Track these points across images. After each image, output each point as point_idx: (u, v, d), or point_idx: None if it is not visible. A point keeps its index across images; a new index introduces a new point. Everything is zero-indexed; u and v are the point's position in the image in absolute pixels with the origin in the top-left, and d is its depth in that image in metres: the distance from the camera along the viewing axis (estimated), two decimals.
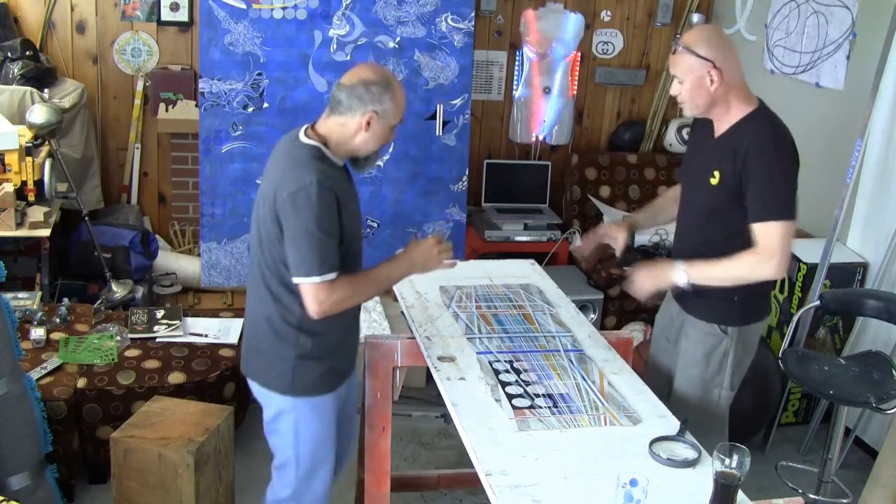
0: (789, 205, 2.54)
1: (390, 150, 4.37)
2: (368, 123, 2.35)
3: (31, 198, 3.82)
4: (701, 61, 2.57)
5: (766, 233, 2.53)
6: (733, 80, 2.60)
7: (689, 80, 2.59)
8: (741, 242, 2.60)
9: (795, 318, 3.53)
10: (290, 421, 2.50)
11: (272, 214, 2.33)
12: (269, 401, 2.53)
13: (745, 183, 2.56)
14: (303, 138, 2.40)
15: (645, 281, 2.70)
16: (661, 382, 2.93)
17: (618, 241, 2.95)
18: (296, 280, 2.32)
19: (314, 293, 2.30)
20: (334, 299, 2.32)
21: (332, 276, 2.31)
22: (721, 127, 2.68)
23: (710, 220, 2.72)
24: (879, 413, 3.17)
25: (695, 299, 2.78)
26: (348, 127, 2.37)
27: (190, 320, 3.69)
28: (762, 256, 2.54)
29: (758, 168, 2.54)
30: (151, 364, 3.35)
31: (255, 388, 2.57)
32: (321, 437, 2.54)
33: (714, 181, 2.65)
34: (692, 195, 2.82)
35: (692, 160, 2.88)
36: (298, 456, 2.53)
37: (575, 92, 5.27)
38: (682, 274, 2.64)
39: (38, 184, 3.86)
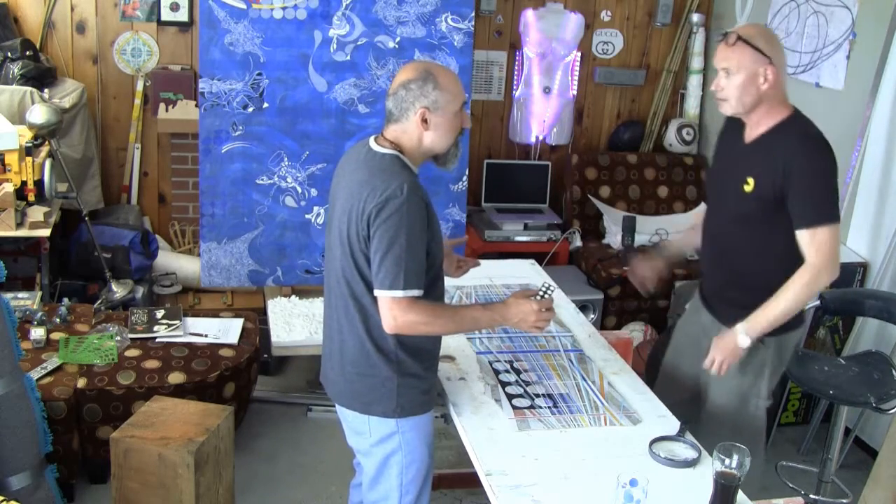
0: (835, 208, 2.47)
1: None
2: (425, 121, 2.25)
3: (31, 198, 3.82)
4: (759, 56, 2.45)
5: (817, 239, 2.44)
6: (780, 83, 2.50)
7: (743, 74, 2.47)
8: (776, 252, 2.54)
9: None
10: (394, 445, 2.37)
11: (363, 228, 2.21)
12: (371, 427, 2.38)
13: (787, 189, 2.46)
14: (376, 147, 2.30)
15: (722, 358, 2.58)
16: (680, 389, 2.87)
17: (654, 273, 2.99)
18: (377, 292, 2.21)
19: (392, 307, 2.19)
20: (410, 319, 2.20)
21: (416, 293, 2.20)
22: (754, 131, 2.58)
23: (742, 228, 2.63)
24: (879, 413, 3.17)
25: (730, 310, 2.67)
26: (410, 132, 2.28)
27: (190, 320, 3.69)
28: (817, 268, 2.44)
29: (801, 174, 2.44)
30: (151, 364, 3.35)
31: (353, 418, 2.41)
32: (424, 459, 2.41)
33: (748, 188, 2.55)
34: (723, 201, 2.71)
35: (722, 165, 2.78)
36: (402, 484, 2.40)
37: (575, 92, 5.27)
38: (745, 337, 2.53)
39: (38, 184, 3.85)
